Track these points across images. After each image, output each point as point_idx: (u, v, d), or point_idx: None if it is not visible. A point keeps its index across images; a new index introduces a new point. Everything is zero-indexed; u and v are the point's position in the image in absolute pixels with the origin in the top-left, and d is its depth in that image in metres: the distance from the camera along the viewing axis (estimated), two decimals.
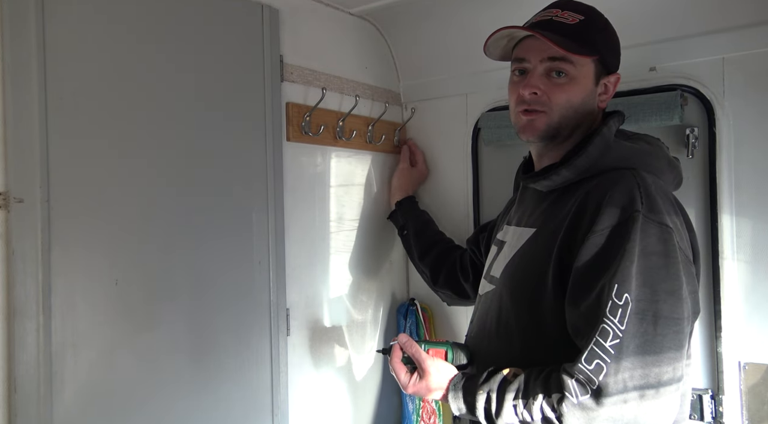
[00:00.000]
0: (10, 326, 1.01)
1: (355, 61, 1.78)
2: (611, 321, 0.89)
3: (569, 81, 1.07)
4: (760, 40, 1.32)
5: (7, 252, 1.01)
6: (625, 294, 0.89)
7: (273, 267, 1.46)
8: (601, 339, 0.89)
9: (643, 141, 1.09)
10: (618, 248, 0.91)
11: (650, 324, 0.89)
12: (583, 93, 1.08)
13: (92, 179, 1.12)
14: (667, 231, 0.93)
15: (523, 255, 1.10)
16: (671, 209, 0.98)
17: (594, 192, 0.99)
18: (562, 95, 1.07)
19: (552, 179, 1.07)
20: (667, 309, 0.90)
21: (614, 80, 1.12)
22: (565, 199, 1.05)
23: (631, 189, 0.96)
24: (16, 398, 1.01)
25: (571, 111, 1.08)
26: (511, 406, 0.95)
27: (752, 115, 1.36)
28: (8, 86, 1.01)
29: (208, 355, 1.32)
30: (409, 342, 1.13)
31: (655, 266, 0.91)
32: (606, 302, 0.90)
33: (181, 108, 1.28)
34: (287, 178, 1.52)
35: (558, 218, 1.03)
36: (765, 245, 1.35)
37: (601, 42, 1.09)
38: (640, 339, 0.89)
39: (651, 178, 1.01)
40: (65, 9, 1.08)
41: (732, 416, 1.38)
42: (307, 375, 1.59)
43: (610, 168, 1.02)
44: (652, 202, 0.95)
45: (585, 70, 1.08)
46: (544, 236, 1.06)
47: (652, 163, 1.05)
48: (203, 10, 1.33)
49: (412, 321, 1.87)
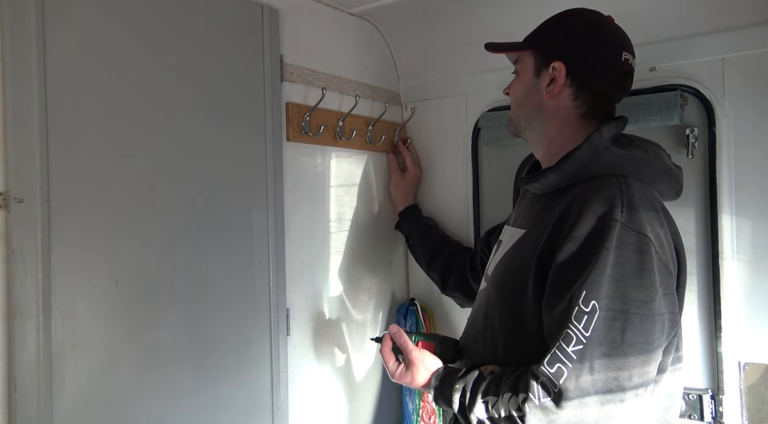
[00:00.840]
0: (10, 326, 1.01)
1: (355, 61, 1.78)
2: (575, 327, 0.90)
3: (516, 77, 1.18)
4: (760, 40, 1.32)
5: (7, 252, 1.01)
6: (592, 301, 0.89)
7: (273, 267, 1.46)
8: (564, 344, 0.90)
9: (639, 148, 1.08)
10: (591, 255, 0.92)
11: (618, 333, 0.89)
12: (523, 86, 1.15)
13: (92, 179, 1.12)
14: (645, 241, 0.93)
15: (511, 256, 1.12)
16: (655, 220, 0.97)
17: (578, 198, 1.00)
18: (513, 91, 1.19)
19: (541, 182, 1.09)
20: (637, 319, 0.90)
21: (559, 68, 1.09)
22: (555, 203, 1.06)
23: (612, 197, 0.96)
24: (16, 398, 1.01)
25: (516, 104, 1.17)
26: (482, 402, 0.98)
27: (752, 115, 1.36)
28: (8, 86, 1.01)
29: (208, 355, 1.32)
30: (399, 333, 1.17)
31: (628, 275, 0.91)
32: (573, 308, 0.91)
33: (181, 108, 1.28)
34: (287, 178, 1.52)
35: (544, 222, 1.04)
36: (765, 245, 1.35)
37: (541, 35, 1.14)
38: (607, 347, 0.89)
39: (639, 186, 1.00)
40: (65, 9, 1.08)
41: (732, 416, 1.38)
42: (307, 375, 1.59)
43: (598, 174, 1.02)
44: (633, 212, 0.94)
45: (525, 65, 1.15)
46: (530, 239, 1.08)
47: (643, 170, 1.04)
48: (203, 10, 1.33)
49: (412, 321, 1.87)
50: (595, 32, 1.11)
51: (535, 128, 1.15)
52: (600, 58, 1.10)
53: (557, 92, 1.10)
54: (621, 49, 1.10)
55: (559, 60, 1.09)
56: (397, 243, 1.95)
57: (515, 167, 1.69)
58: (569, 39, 1.12)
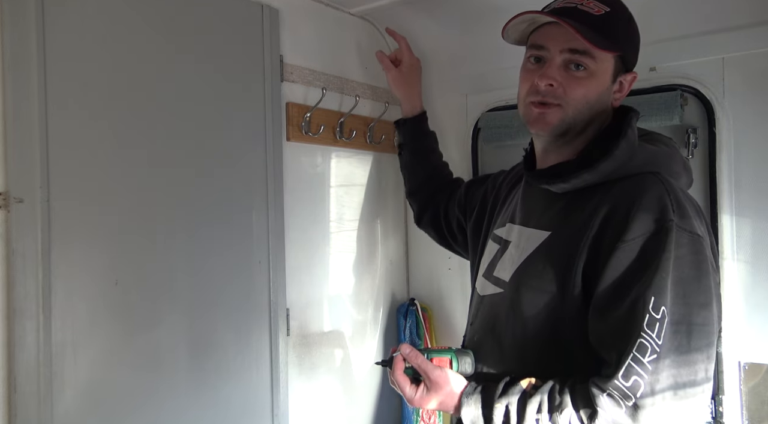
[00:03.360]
0: (10, 326, 1.01)
1: (355, 61, 1.78)
2: (649, 336, 0.85)
3: (588, 76, 1.00)
4: (760, 40, 1.32)
5: (7, 252, 1.01)
6: (662, 307, 0.86)
7: (273, 267, 1.46)
8: (640, 355, 0.85)
9: (662, 143, 1.04)
10: (652, 258, 0.88)
11: (684, 337, 0.87)
12: (600, 89, 1.02)
13: (92, 179, 1.12)
14: (699, 241, 0.90)
15: (539, 260, 1.03)
16: (698, 216, 0.94)
17: (621, 198, 0.94)
18: (579, 90, 1.00)
19: (571, 182, 1.00)
20: (700, 321, 0.88)
21: (630, 79, 1.07)
22: (582, 201, 0.99)
23: (661, 196, 0.91)
24: (16, 398, 1.01)
25: (586, 107, 1.01)
26: (534, 420, 0.91)
27: (752, 115, 1.36)
28: (8, 86, 1.01)
29: (208, 355, 1.32)
30: (413, 353, 1.06)
31: (687, 278, 0.88)
32: (643, 315, 0.86)
33: (181, 108, 1.28)
34: (287, 178, 1.52)
35: (576, 223, 0.98)
36: (765, 245, 1.35)
37: (624, 37, 1.03)
38: (675, 354, 0.86)
39: (675, 183, 0.97)
40: (65, 9, 1.08)
41: (732, 416, 1.38)
42: (306, 375, 1.59)
43: (634, 172, 0.97)
44: (682, 210, 0.91)
45: (605, 66, 1.01)
46: (561, 242, 1.00)
47: (671, 166, 1.01)
48: (203, 10, 1.33)
49: (412, 321, 1.87)
50: (639, 37, 1.08)
51: (586, 130, 1.05)
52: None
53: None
54: None
55: (634, 69, 1.07)
56: (397, 243, 1.95)
57: None
58: (637, 46, 1.07)
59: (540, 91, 1.01)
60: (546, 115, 1.01)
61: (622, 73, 1.05)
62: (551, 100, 1.01)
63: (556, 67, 1.00)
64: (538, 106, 1.01)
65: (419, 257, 1.98)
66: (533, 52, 1.04)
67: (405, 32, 1.80)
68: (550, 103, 1.01)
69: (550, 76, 1.00)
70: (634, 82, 1.08)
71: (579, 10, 0.99)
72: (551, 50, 1.01)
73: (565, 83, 1.00)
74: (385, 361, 1.11)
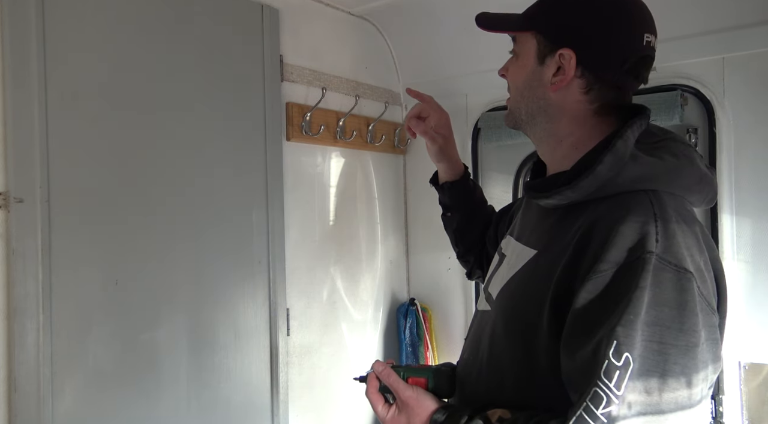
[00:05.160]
0: (10, 326, 1.01)
1: (355, 61, 1.78)
2: (605, 385, 0.76)
3: (515, 60, 0.97)
4: (760, 40, 1.32)
5: (7, 252, 1.01)
6: (625, 354, 0.75)
7: (273, 267, 1.46)
8: (593, 405, 0.76)
9: (668, 152, 0.89)
10: (622, 295, 0.77)
11: (655, 389, 0.76)
12: (524, 73, 0.95)
13: (92, 179, 1.12)
14: (686, 277, 0.78)
15: (521, 281, 0.96)
16: (694, 246, 0.82)
17: (600, 221, 0.83)
18: (510, 76, 0.99)
19: (554, 199, 0.92)
20: (677, 371, 0.76)
21: (567, 57, 0.90)
22: (570, 220, 0.90)
23: (644, 223, 0.80)
24: (16, 398, 1.01)
25: (516, 94, 0.97)
26: None
27: (752, 115, 1.36)
28: (8, 86, 1.01)
29: (208, 354, 1.32)
30: (386, 371, 1.00)
31: (666, 319, 0.77)
32: (602, 361, 0.76)
33: (181, 108, 1.28)
34: (287, 178, 1.52)
35: (560, 244, 0.89)
36: (765, 245, 1.35)
37: (547, 15, 0.93)
38: (641, 406, 0.76)
39: (673, 204, 0.84)
40: (65, 9, 1.08)
41: (732, 416, 1.38)
42: (306, 375, 1.59)
43: (623, 190, 0.86)
44: (669, 240, 0.79)
45: (525, 48, 0.95)
46: (544, 264, 0.92)
47: (676, 181, 0.88)
48: (203, 10, 1.33)
49: (412, 321, 1.87)
50: (614, 10, 0.91)
51: (538, 125, 0.97)
52: (618, 44, 0.90)
53: (565, 84, 0.92)
54: (644, 30, 0.90)
55: (569, 47, 0.90)
56: (397, 243, 1.95)
57: (516, 167, 1.69)
58: (581, 19, 0.91)
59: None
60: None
61: (552, 53, 0.91)
62: (508, 92, 1.01)
63: (509, 58, 1.00)
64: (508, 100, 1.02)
65: (419, 257, 1.98)
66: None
67: (405, 32, 1.80)
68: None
69: (504, 66, 1.01)
70: (572, 60, 0.90)
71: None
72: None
73: (507, 71, 1.00)
74: (363, 377, 1.06)
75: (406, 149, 1.98)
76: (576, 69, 0.90)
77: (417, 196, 1.91)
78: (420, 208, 1.97)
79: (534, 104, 0.96)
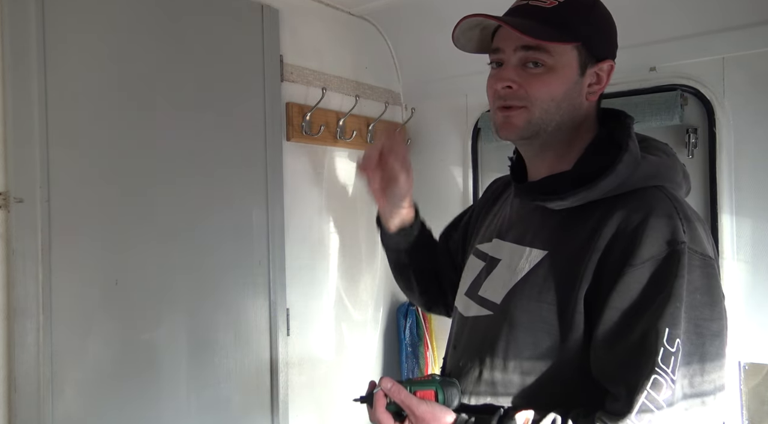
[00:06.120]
0: (10, 326, 1.01)
1: (355, 61, 1.78)
2: (664, 372, 0.80)
3: (547, 71, 0.92)
4: (760, 40, 1.32)
5: (7, 252, 1.01)
6: (677, 340, 0.80)
7: (273, 267, 1.46)
8: (654, 392, 0.80)
9: (662, 151, 0.96)
10: (664, 286, 0.81)
11: (698, 371, 0.81)
12: (566, 85, 0.93)
13: (92, 179, 1.12)
14: (710, 264, 0.84)
15: (535, 283, 0.95)
16: (706, 234, 0.88)
17: (628, 218, 0.86)
18: (542, 88, 0.93)
19: (569, 200, 0.93)
20: (713, 351, 0.82)
21: (607, 68, 0.95)
22: (582, 218, 0.92)
23: (670, 215, 0.85)
24: (16, 398, 1.01)
25: (552, 105, 0.93)
26: None
27: (752, 115, 1.36)
28: (8, 86, 1.01)
29: (208, 354, 1.32)
30: (396, 387, 0.96)
31: (700, 305, 0.82)
32: (657, 348, 0.80)
33: (181, 108, 1.28)
34: (287, 178, 1.52)
35: (577, 242, 0.91)
36: (765, 245, 1.35)
37: (585, 26, 0.94)
38: (688, 387, 0.81)
39: (681, 198, 0.91)
40: (65, 9, 1.08)
41: (732, 416, 1.38)
42: (307, 375, 1.59)
43: (636, 187, 0.90)
44: (693, 230, 0.85)
45: (565, 59, 0.93)
46: (560, 263, 0.93)
47: (673, 177, 0.94)
48: (203, 10, 1.33)
49: (412, 321, 1.87)
50: (613, 22, 0.98)
51: (560, 134, 0.95)
52: (615, 53, 0.99)
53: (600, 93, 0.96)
54: None
55: (610, 58, 0.96)
56: None
57: None
58: (608, 32, 0.97)
59: (501, 96, 0.95)
60: (511, 118, 0.95)
61: (593, 64, 0.95)
62: (516, 103, 0.94)
63: (512, 67, 0.95)
64: (503, 110, 0.95)
65: None
66: (493, 58, 0.99)
67: (404, 32, 1.80)
68: (515, 106, 0.94)
69: (506, 77, 0.94)
70: (612, 72, 0.97)
71: (530, 6, 0.95)
72: (506, 51, 0.95)
73: (526, 83, 0.93)
74: (365, 397, 1.01)
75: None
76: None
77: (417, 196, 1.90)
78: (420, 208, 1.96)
79: (567, 115, 0.94)
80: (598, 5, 0.97)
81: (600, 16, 0.97)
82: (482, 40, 1.02)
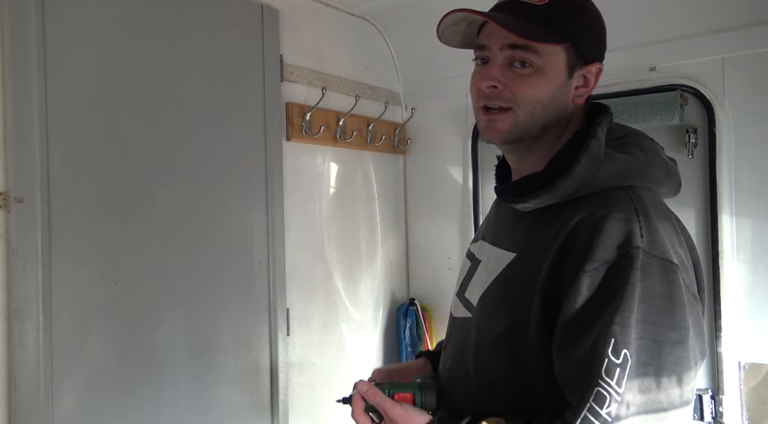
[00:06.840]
0: (10, 326, 1.01)
1: (355, 61, 1.78)
2: (608, 384, 0.76)
3: (534, 72, 0.89)
4: (760, 40, 1.32)
5: (8, 252, 1.01)
6: (623, 351, 0.76)
7: (273, 267, 1.46)
8: (597, 405, 0.76)
9: (636, 147, 0.92)
10: (614, 292, 0.78)
11: (653, 382, 0.77)
12: (552, 87, 0.90)
13: (92, 179, 1.12)
14: (672, 269, 0.80)
15: (503, 285, 0.94)
16: (675, 237, 0.84)
17: (583, 221, 0.83)
18: (528, 89, 0.89)
19: (531, 202, 0.91)
20: (671, 362, 0.78)
21: (595, 71, 0.92)
22: (548, 220, 0.90)
23: (627, 218, 0.81)
24: (16, 398, 1.01)
25: (539, 108, 0.90)
26: None
27: (752, 115, 1.36)
28: (8, 86, 1.01)
29: (208, 355, 1.32)
30: (371, 390, 0.98)
31: (657, 313, 0.78)
32: (601, 359, 0.76)
33: (181, 108, 1.28)
34: (287, 179, 1.52)
35: (541, 245, 0.88)
36: (765, 245, 1.35)
37: (574, 27, 0.90)
38: (641, 400, 0.77)
39: (649, 197, 0.87)
40: (65, 9, 1.08)
41: (732, 416, 1.38)
42: (306, 375, 1.59)
43: (601, 188, 0.87)
44: (653, 234, 0.81)
45: (553, 60, 0.89)
46: (526, 266, 0.91)
47: (649, 175, 0.90)
48: (203, 10, 1.33)
49: (412, 321, 1.87)
50: (603, 23, 0.94)
51: (546, 137, 0.93)
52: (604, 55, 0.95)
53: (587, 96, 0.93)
54: None
55: (599, 60, 0.92)
56: (397, 243, 1.95)
57: None
58: (597, 34, 0.93)
59: (486, 95, 0.92)
60: (496, 123, 0.91)
61: (581, 66, 0.91)
62: (501, 104, 0.91)
63: (498, 66, 0.91)
64: (486, 112, 0.92)
65: (419, 257, 1.98)
66: (478, 54, 0.96)
67: (404, 32, 1.80)
68: (501, 108, 0.91)
69: (492, 76, 0.90)
70: (600, 74, 0.93)
71: (519, 2, 0.91)
72: (492, 49, 0.91)
73: (512, 84, 0.90)
74: (347, 398, 1.04)
75: (406, 149, 1.98)
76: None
77: (417, 196, 1.91)
78: (420, 209, 1.97)
79: (553, 117, 0.92)
80: (588, 4, 0.93)
81: (590, 16, 0.93)
82: (468, 35, 0.98)
